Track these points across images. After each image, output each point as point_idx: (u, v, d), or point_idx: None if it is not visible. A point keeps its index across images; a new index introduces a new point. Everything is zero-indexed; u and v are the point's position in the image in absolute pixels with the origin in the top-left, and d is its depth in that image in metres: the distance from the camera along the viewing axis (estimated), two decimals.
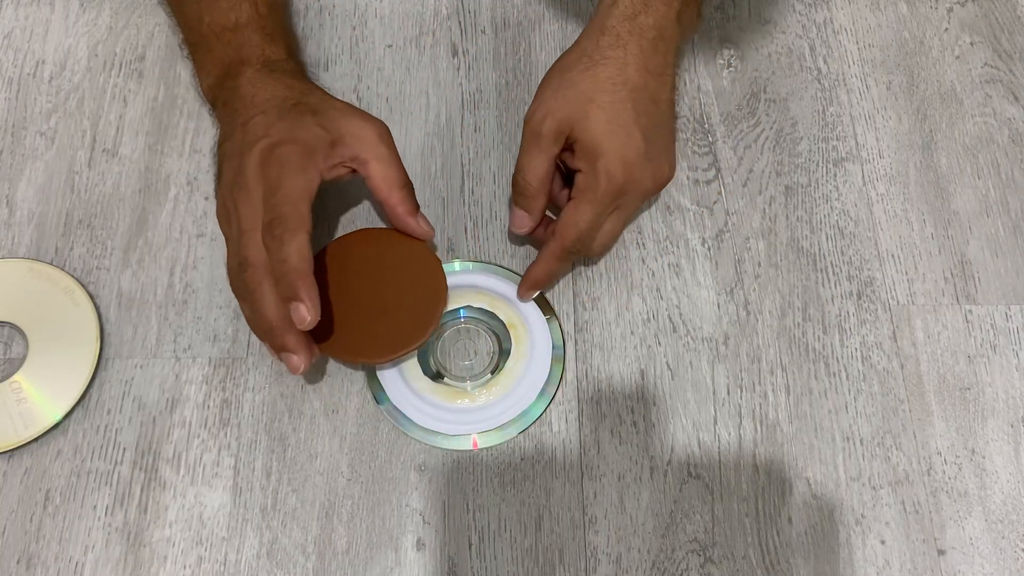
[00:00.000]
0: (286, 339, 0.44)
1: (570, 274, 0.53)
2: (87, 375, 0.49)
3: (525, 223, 0.50)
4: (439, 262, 0.49)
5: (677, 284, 0.53)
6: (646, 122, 0.47)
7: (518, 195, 0.49)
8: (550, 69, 0.49)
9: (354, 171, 0.48)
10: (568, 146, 0.47)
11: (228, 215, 0.45)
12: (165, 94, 0.58)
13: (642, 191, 0.48)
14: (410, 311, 0.48)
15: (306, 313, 0.42)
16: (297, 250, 0.42)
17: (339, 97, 0.50)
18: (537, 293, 0.51)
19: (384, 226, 0.51)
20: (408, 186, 0.48)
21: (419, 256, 0.49)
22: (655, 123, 0.47)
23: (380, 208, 0.49)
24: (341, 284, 0.48)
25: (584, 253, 0.49)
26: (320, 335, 0.46)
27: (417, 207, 0.49)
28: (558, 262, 0.49)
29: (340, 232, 0.54)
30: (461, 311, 0.52)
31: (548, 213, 0.51)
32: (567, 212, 0.47)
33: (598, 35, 0.47)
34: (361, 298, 0.48)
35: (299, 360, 0.44)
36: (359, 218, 0.54)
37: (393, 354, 0.48)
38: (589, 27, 0.48)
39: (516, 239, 0.54)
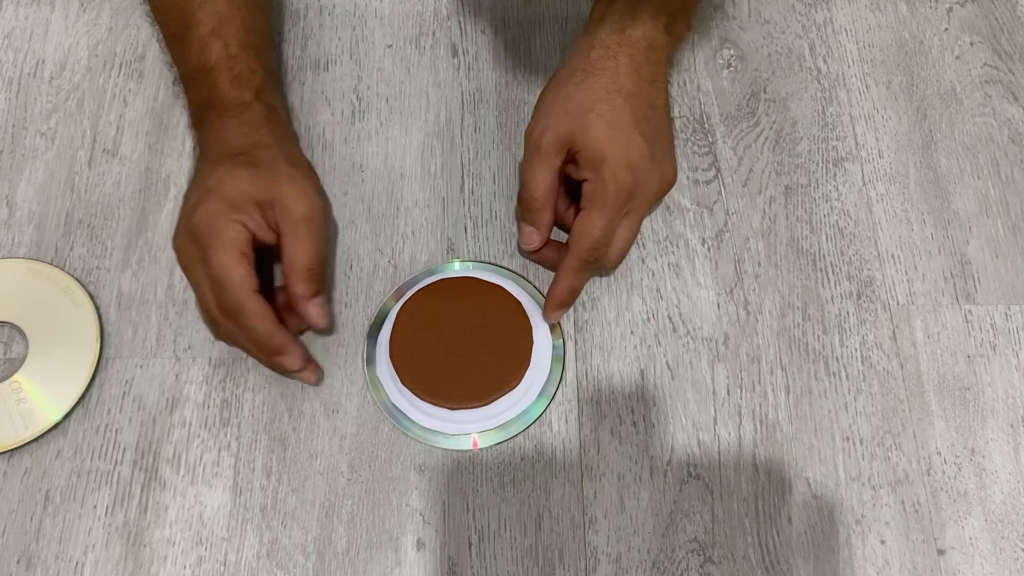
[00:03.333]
0: (286, 359, 0.46)
1: None
2: (87, 375, 0.49)
3: (534, 239, 0.50)
4: (519, 303, 0.50)
5: (677, 284, 0.53)
6: (646, 126, 0.47)
7: (524, 210, 0.49)
8: (545, 87, 0.49)
9: None
10: (571, 158, 0.47)
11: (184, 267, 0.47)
12: (165, 94, 0.58)
13: (650, 193, 0.48)
14: (505, 351, 0.50)
15: (292, 363, 0.46)
16: (256, 316, 0.44)
17: (339, 97, 0.49)
18: (564, 312, 0.50)
19: (460, 275, 0.52)
20: (313, 271, 0.46)
21: (499, 299, 0.51)
22: (654, 127, 0.47)
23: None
24: (432, 335, 0.50)
25: (601, 264, 0.48)
26: (422, 386, 0.48)
27: (319, 291, 0.46)
28: (576, 275, 0.48)
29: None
30: None
31: (556, 239, 0.51)
32: (579, 223, 0.47)
33: (588, 50, 0.48)
34: (453, 346, 0.49)
35: (309, 373, 0.47)
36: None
37: (496, 395, 0.49)
38: (579, 44, 0.49)
39: (526, 256, 0.53)
